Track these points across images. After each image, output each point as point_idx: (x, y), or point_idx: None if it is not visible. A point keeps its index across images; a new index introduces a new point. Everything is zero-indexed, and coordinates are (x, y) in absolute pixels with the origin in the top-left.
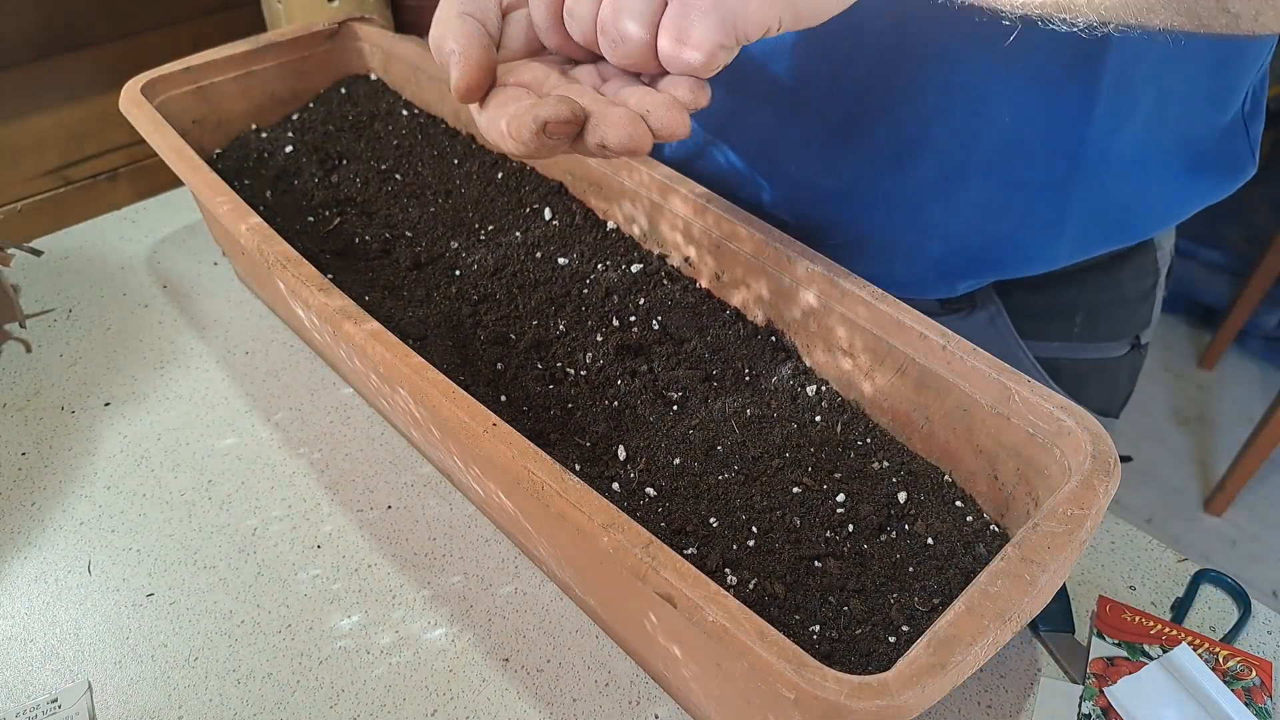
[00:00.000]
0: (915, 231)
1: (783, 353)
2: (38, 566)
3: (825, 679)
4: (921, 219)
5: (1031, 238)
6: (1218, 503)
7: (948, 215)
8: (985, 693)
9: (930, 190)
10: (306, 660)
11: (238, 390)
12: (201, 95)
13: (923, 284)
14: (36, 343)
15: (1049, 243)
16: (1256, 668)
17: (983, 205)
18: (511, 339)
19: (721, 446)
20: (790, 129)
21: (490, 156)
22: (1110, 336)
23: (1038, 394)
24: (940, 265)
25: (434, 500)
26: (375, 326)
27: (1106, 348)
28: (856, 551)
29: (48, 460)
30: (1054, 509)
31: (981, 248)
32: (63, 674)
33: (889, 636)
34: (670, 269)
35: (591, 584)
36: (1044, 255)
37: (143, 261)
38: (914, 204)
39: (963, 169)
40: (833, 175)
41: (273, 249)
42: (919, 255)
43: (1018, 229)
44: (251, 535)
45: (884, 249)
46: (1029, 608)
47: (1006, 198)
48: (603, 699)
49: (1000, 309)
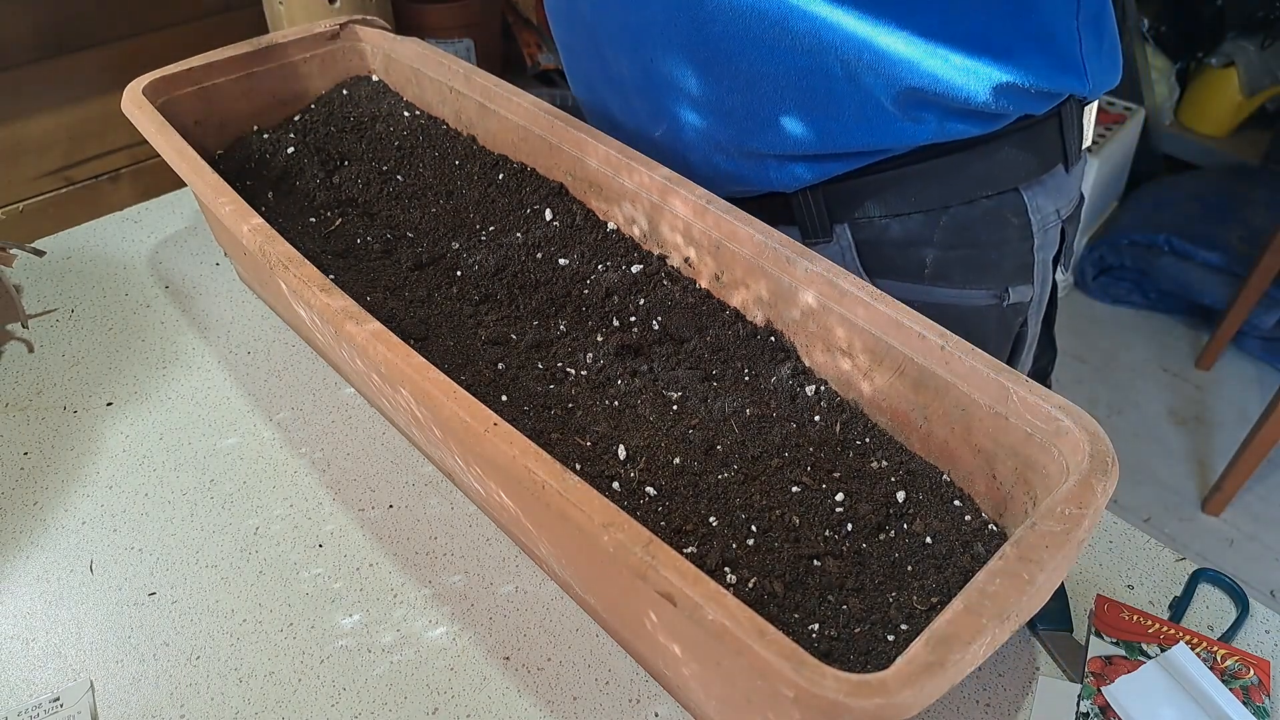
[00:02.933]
0: (707, 110)
1: (782, 353)
2: (40, 566)
3: (824, 677)
4: (706, 94)
5: (814, 110)
6: (1216, 502)
7: (728, 90)
8: (984, 691)
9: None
10: (308, 659)
11: (239, 390)
12: (203, 96)
13: (742, 173)
14: (39, 343)
15: (833, 116)
16: (1254, 666)
17: (754, 76)
18: (512, 339)
19: (721, 446)
20: (601, 29)
21: (491, 157)
22: (964, 284)
23: (1036, 394)
24: (742, 145)
25: (435, 499)
26: (377, 327)
27: (963, 295)
28: (855, 550)
29: (50, 460)
30: (1052, 508)
31: (768, 120)
32: (65, 673)
33: (888, 635)
34: (670, 270)
35: (592, 583)
36: (835, 131)
37: (145, 262)
38: (696, 82)
39: (728, 39)
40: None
41: (275, 249)
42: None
43: (798, 100)
44: (253, 534)
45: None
46: (1027, 606)
47: (774, 66)
48: (603, 697)
49: (851, 244)
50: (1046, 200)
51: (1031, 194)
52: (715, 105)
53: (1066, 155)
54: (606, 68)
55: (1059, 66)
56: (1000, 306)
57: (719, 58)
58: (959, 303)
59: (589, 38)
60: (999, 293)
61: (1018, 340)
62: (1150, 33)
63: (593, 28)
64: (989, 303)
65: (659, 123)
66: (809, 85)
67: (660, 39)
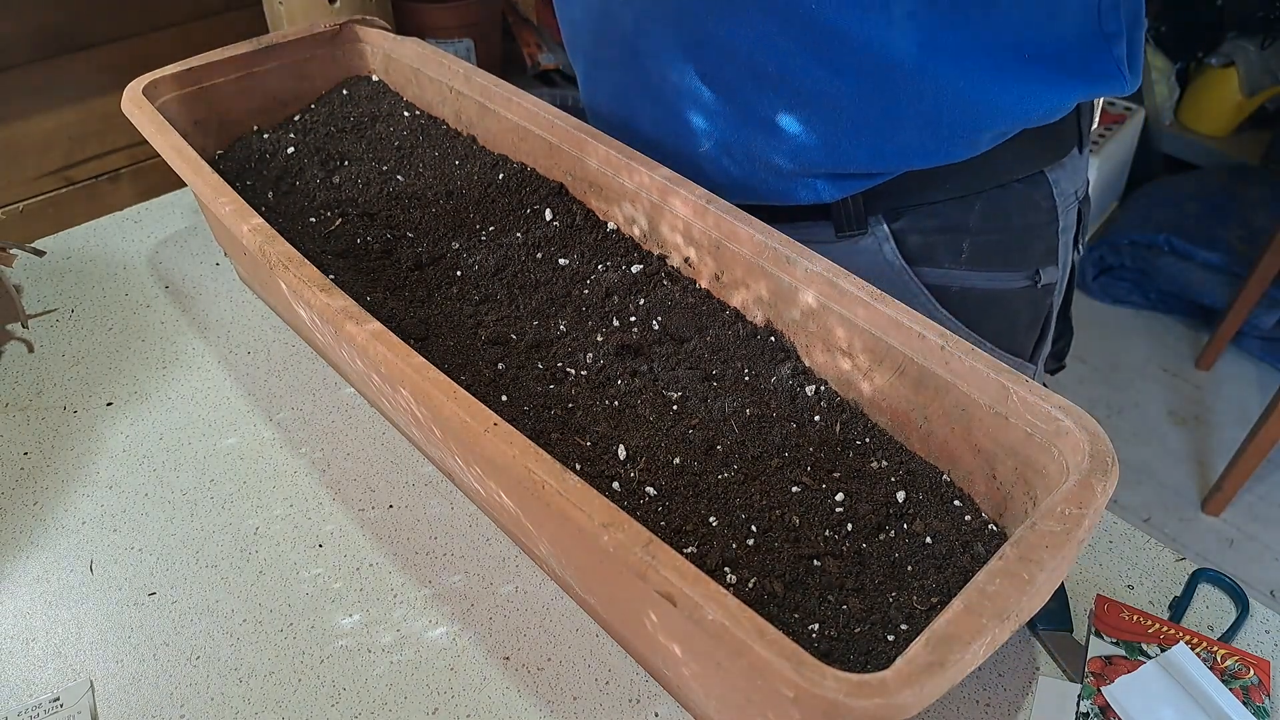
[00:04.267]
0: (758, 126)
1: (782, 353)
2: (40, 565)
3: (824, 677)
4: (760, 110)
5: (869, 129)
6: (1216, 502)
7: (785, 106)
8: (984, 691)
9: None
10: (308, 659)
11: (239, 390)
12: (203, 96)
13: (789, 187)
14: (39, 343)
15: (889, 135)
16: (1254, 666)
17: (814, 93)
18: (512, 339)
19: (721, 446)
20: (645, 42)
21: (491, 157)
22: (1000, 266)
23: (1036, 394)
24: (794, 161)
25: (435, 499)
26: (377, 327)
27: (998, 278)
28: (855, 550)
29: (50, 460)
30: (1052, 508)
31: (824, 138)
32: (65, 672)
33: (888, 635)
34: (670, 269)
35: (592, 583)
36: (889, 150)
37: (145, 262)
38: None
39: (788, 55)
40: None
41: (275, 249)
42: (768, 151)
43: (855, 119)
44: (253, 534)
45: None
46: (1027, 606)
47: (834, 84)
48: (603, 697)
49: (888, 234)
50: (1067, 181)
51: (1055, 176)
52: (771, 123)
53: (1081, 138)
54: (646, 81)
55: (1116, 74)
56: (1034, 288)
57: (785, 75)
58: (995, 286)
59: (627, 50)
60: (1031, 274)
61: (1045, 321)
62: (1150, 33)
63: (633, 40)
64: (1023, 284)
65: (705, 138)
66: (873, 107)
67: (719, 55)
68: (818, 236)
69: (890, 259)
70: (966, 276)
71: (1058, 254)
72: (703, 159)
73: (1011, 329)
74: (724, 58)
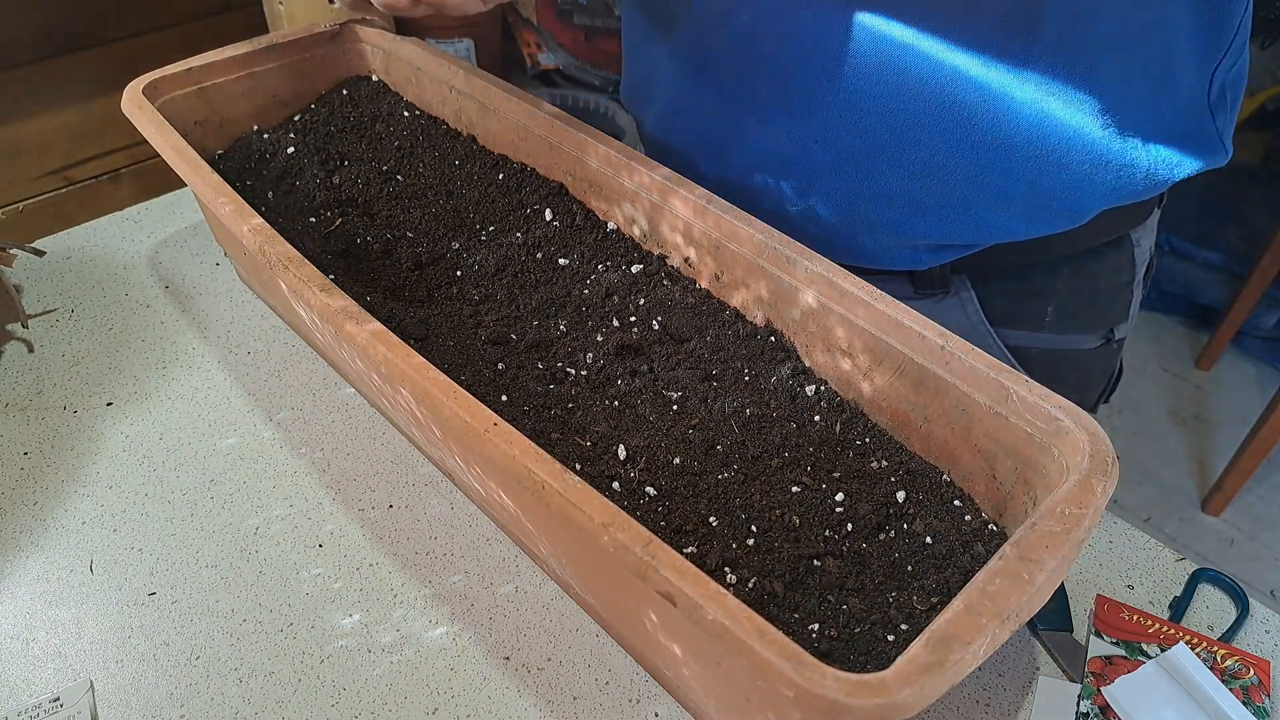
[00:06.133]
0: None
1: (782, 353)
2: (40, 566)
3: (824, 677)
4: (873, 179)
5: (982, 203)
6: (1216, 502)
7: (899, 176)
8: (984, 691)
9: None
10: (308, 659)
11: (239, 390)
12: (203, 96)
13: (887, 253)
14: (39, 342)
15: (1000, 209)
16: (1254, 666)
17: (931, 166)
18: (512, 339)
19: (721, 446)
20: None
21: (491, 157)
22: (1082, 329)
23: (1035, 394)
24: (897, 231)
25: (435, 499)
26: (377, 327)
27: (1078, 339)
28: (855, 550)
29: (50, 460)
30: (1052, 508)
31: (935, 210)
32: (65, 673)
33: (888, 635)
34: (670, 269)
35: (592, 583)
36: (997, 224)
37: (145, 262)
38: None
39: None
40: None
41: (275, 250)
42: (874, 219)
43: (968, 193)
44: (253, 534)
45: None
46: (1027, 606)
47: (954, 159)
48: (603, 697)
49: (972, 295)
50: (1147, 239)
51: (1137, 236)
52: (878, 191)
53: (1162, 196)
54: (743, 139)
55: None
56: (1109, 345)
57: (899, 144)
58: (1072, 347)
59: (727, 103)
60: (1106, 334)
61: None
62: None
63: (734, 97)
64: (1098, 344)
65: (801, 199)
66: (987, 181)
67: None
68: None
69: (973, 319)
70: (1049, 339)
71: (1129, 309)
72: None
73: (1083, 385)
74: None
